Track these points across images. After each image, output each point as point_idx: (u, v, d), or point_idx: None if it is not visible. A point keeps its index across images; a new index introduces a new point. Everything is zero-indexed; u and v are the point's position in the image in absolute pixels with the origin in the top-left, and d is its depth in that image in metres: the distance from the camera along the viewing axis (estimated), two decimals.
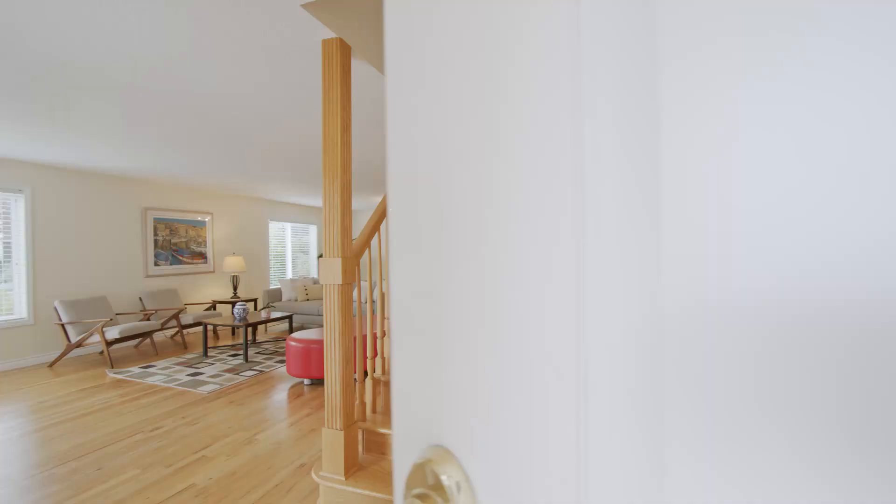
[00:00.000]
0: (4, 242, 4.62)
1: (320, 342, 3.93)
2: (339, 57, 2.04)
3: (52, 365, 4.68)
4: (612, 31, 0.27)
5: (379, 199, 8.28)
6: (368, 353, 2.43)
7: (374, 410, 2.40)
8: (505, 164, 0.28)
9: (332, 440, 2.04)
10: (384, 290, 2.87)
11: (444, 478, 0.29)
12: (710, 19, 0.27)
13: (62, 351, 4.67)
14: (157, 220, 6.15)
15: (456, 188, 0.31)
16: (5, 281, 4.63)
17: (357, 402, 2.27)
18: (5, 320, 4.57)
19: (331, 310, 2.03)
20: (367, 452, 2.29)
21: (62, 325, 4.67)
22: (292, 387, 3.92)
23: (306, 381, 4.01)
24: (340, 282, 1.99)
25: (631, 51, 0.28)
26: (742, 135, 0.26)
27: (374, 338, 2.99)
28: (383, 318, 2.54)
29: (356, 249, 2.15)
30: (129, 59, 2.31)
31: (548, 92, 0.26)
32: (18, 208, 4.70)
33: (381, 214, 2.45)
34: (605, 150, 0.26)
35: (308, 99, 2.93)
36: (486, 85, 0.30)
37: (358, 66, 2.45)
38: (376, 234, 2.41)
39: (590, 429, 0.25)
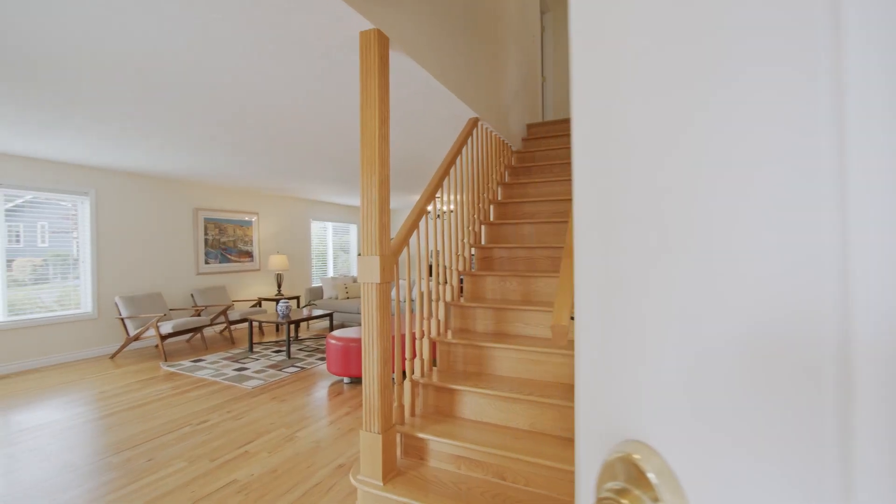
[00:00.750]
0: (75, 241, 4.96)
1: (359, 341, 3.92)
2: (377, 48, 1.98)
3: (113, 356, 4.98)
4: None
5: (416, 197, 8.28)
6: (407, 354, 2.36)
7: (412, 413, 2.33)
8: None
9: (369, 444, 1.98)
10: (423, 289, 2.77)
11: (649, 474, 0.29)
12: None
13: (122, 343, 4.95)
14: (207, 220, 6.43)
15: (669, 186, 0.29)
16: (74, 277, 4.97)
17: (395, 404, 2.21)
18: (73, 314, 4.90)
19: (368, 309, 1.97)
20: (405, 457, 2.22)
21: (122, 320, 4.95)
22: (332, 384, 3.94)
23: (346, 380, 4.02)
24: (378, 280, 1.93)
25: None
26: None
27: (413, 338, 2.91)
28: (422, 318, 2.46)
29: (395, 247, 2.09)
30: (183, 65, 2.36)
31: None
32: (84, 210, 5.04)
33: (420, 211, 2.37)
34: None
35: (350, 97, 2.91)
36: None
37: (393, 61, 2.38)
38: (415, 231, 2.34)
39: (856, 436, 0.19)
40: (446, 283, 2.80)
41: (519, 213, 3.58)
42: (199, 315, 5.68)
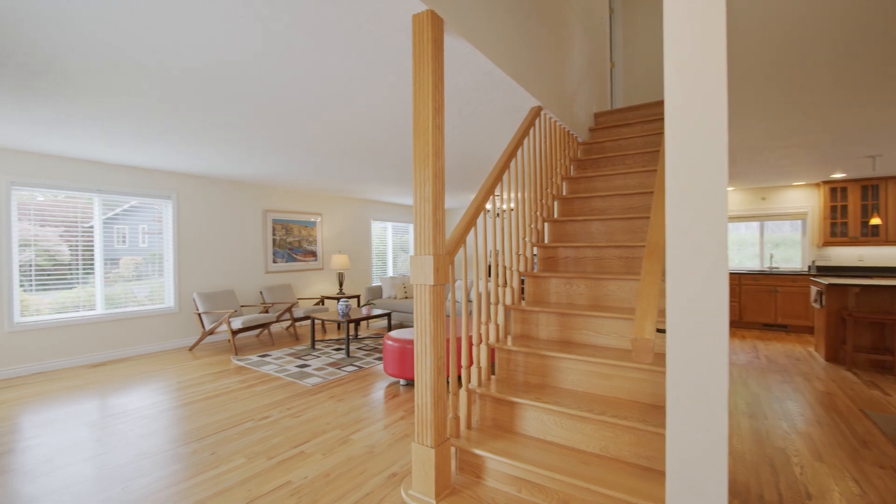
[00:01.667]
0: (161, 240, 5.39)
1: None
2: (431, 31, 1.83)
3: (191, 349, 5.34)
4: None
5: (471, 196, 8.11)
6: (463, 362, 2.20)
7: (468, 426, 2.16)
8: None
9: (422, 458, 1.84)
10: (480, 291, 2.58)
11: None
12: None
13: (199, 337, 5.29)
14: (275, 221, 6.73)
15: None
16: (159, 275, 5.41)
17: (450, 415, 2.05)
18: (159, 308, 5.33)
19: (421, 312, 1.83)
20: (460, 472, 2.05)
21: (199, 315, 5.30)
22: (388, 386, 3.88)
23: (402, 382, 3.95)
24: (432, 282, 1.78)
25: None
26: None
27: (470, 344, 2.70)
28: (479, 322, 2.29)
29: (450, 246, 1.93)
30: (253, 75, 2.40)
31: None
32: (167, 212, 5.46)
33: (477, 207, 2.20)
34: None
35: (406, 92, 2.81)
36: None
37: (447, 46, 2.22)
38: (472, 229, 2.17)
39: None
40: (506, 285, 2.60)
41: (586, 209, 3.28)
42: (266, 312, 5.95)
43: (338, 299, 7.05)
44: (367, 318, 5.29)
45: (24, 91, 2.74)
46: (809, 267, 6.66)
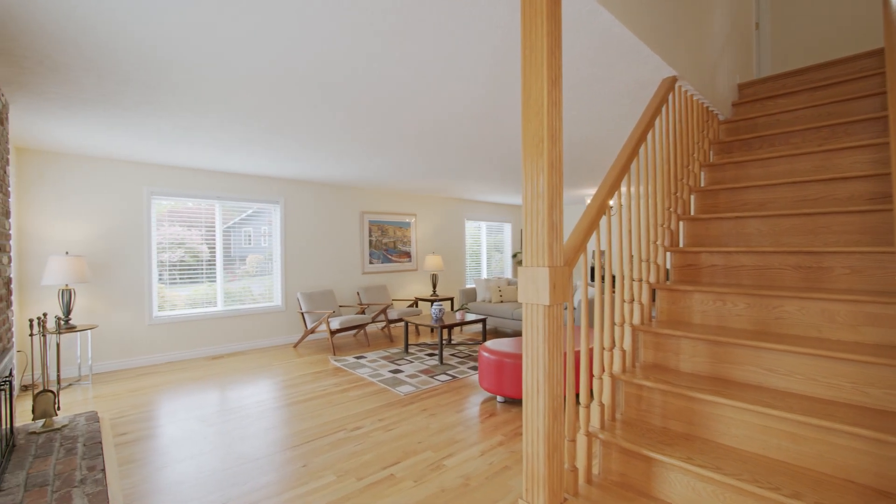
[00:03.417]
0: (271, 242, 5.74)
1: (515, 356, 3.43)
2: None
3: (295, 346, 5.58)
4: None
5: (581, 193, 7.40)
6: (582, 398, 1.76)
7: (588, 480, 1.72)
8: None
9: None
10: (604, 310, 2.08)
11: None
12: None
13: (302, 335, 5.51)
14: (371, 223, 6.82)
15: None
16: (269, 274, 5.76)
17: (566, 465, 1.63)
18: (268, 306, 5.66)
19: (532, 340, 1.44)
20: None
21: (301, 314, 5.51)
22: (484, 402, 3.54)
23: (499, 399, 3.58)
24: (547, 302, 1.38)
25: None
26: None
27: (590, 375, 2.18)
28: (602, 348, 1.82)
29: (569, 255, 1.51)
30: (358, 82, 2.25)
31: None
32: (276, 215, 5.78)
33: (601, 205, 1.74)
34: None
35: (510, 84, 2.44)
36: None
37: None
38: (594, 233, 1.71)
39: None
40: (633, 300, 2.09)
41: (737, 204, 2.58)
42: (363, 313, 6.01)
43: (431, 301, 6.93)
44: (461, 323, 5.02)
45: (145, 106, 2.92)
46: None
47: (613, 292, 2.76)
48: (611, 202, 1.92)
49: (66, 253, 4.09)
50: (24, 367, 3.97)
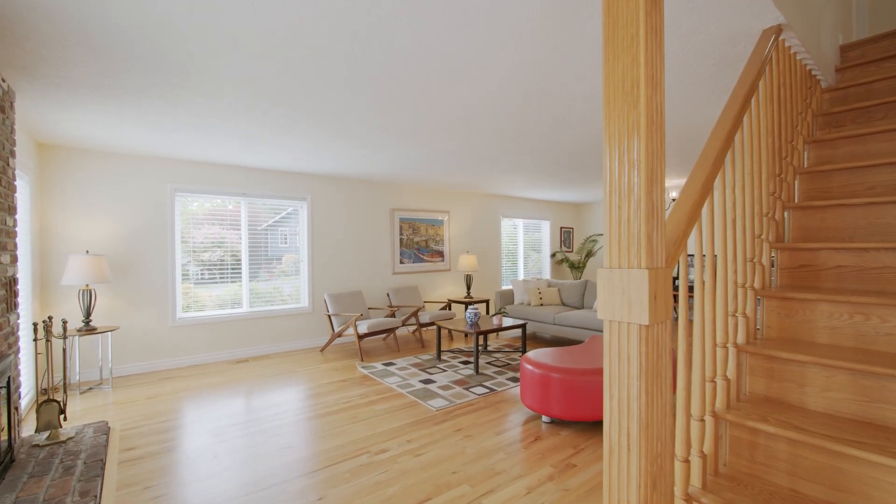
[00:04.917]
0: (298, 241, 5.50)
1: (564, 371, 2.96)
2: None
3: (322, 350, 5.31)
4: None
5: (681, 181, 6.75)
6: (679, 449, 1.29)
7: None
8: None
9: None
10: (705, 326, 1.58)
11: None
12: None
13: (329, 339, 5.23)
14: (402, 220, 6.48)
15: None
16: (296, 274, 5.51)
17: None
18: (295, 308, 5.42)
19: (620, 375, 1.00)
20: None
21: (328, 316, 5.22)
22: (526, 421, 3.09)
23: (544, 419, 3.12)
24: (647, 321, 0.93)
25: None
26: None
27: (687, 416, 1.65)
28: (703, 379, 1.34)
29: (671, 251, 1.06)
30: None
31: None
32: (303, 213, 5.53)
33: (703, 189, 1.27)
34: None
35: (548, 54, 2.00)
36: None
37: None
38: (695, 225, 1.24)
39: None
40: (736, 312, 1.59)
41: (859, 187, 2.01)
42: (393, 315, 5.67)
43: (466, 304, 6.50)
44: (498, 329, 4.57)
45: (169, 96, 2.66)
46: None
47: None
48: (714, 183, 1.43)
49: (87, 252, 3.96)
50: (43, 372, 3.86)
